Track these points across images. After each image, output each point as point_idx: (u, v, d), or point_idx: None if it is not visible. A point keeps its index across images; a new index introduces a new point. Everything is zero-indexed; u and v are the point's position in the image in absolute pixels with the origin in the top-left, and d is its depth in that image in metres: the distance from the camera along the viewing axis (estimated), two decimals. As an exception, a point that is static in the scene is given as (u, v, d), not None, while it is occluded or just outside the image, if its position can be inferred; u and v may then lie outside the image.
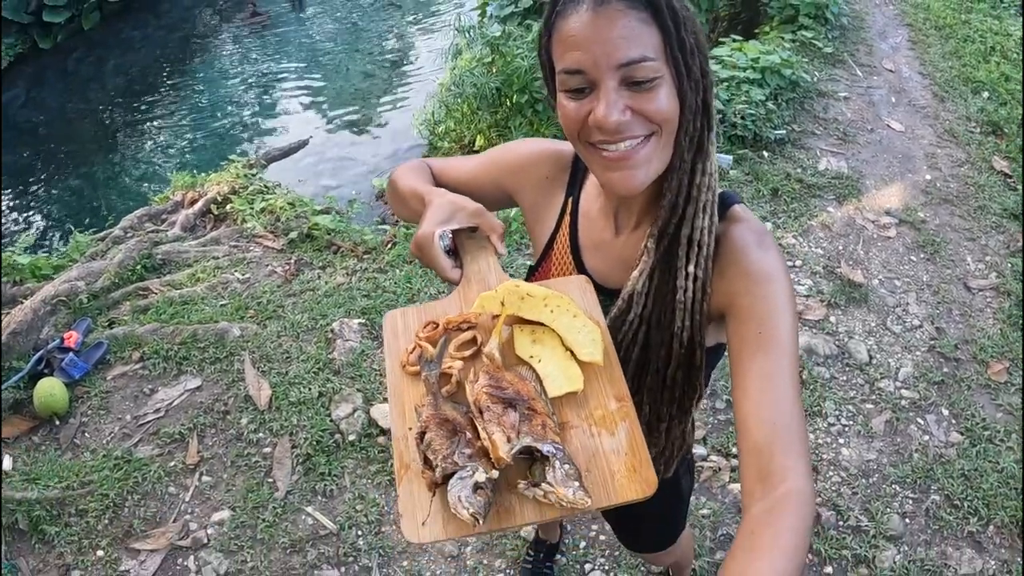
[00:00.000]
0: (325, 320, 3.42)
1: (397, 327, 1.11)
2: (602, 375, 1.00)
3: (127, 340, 3.33)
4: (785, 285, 1.00)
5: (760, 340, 0.96)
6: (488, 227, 1.15)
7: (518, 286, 1.05)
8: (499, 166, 1.29)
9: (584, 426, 0.96)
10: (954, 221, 4.10)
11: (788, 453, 0.88)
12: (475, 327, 1.07)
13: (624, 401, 0.97)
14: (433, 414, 0.94)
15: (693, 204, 1.03)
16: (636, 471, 0.91)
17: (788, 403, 0.92)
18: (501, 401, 0.93)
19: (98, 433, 2.99)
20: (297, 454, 2.84)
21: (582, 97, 0.96)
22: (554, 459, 0.87)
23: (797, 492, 0.85)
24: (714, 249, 1.05)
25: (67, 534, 2.63)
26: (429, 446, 0.90)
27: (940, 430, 2.94)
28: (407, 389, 1.02)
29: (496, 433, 0.89)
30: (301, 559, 2.53)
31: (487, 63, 5.66)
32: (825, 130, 4.77)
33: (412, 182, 1.24)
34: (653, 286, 1.08)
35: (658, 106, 0.94)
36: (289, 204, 4.35)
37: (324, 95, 8.09)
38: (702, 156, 1.03)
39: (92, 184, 6.82)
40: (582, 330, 1.02)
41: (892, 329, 3.36)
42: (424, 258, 1.12)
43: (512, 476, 0.90)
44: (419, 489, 0.91)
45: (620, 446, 0.93)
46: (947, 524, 2.62)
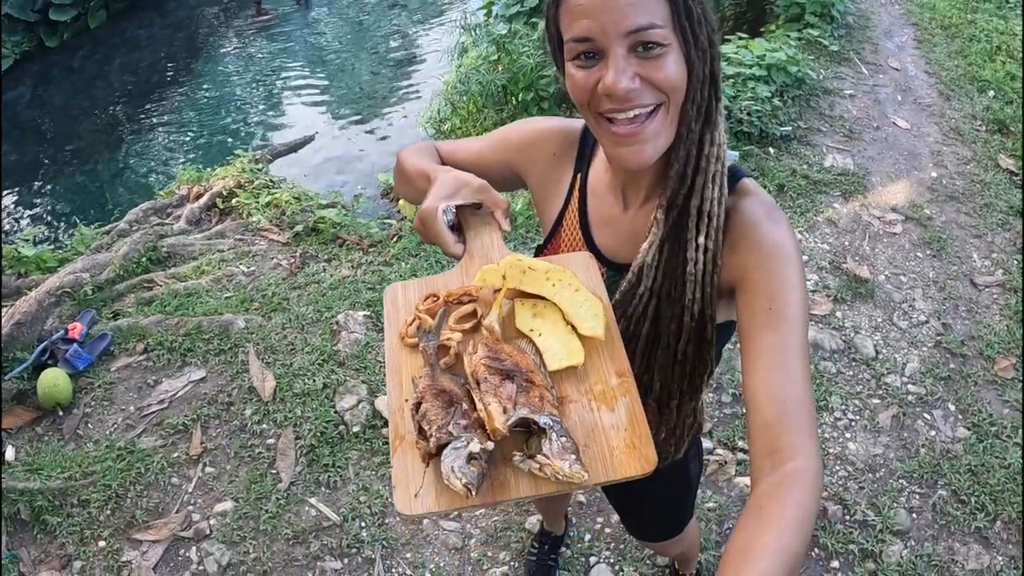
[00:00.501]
0: (330, 312, 3.41)
1: (398, 300, 1.10)
2: (603, 350, 0.99)
3: (131, 331, 3.33)
4: (796, 260, 0.99)
5: (770, 316, 0.95)
6: (492, 203, 1.13)
7: (520, 260, 1.04)
8: (506, 145, 1.28)
9: (583, 401, 0.94)
10: (960, 218, 4.08)
11: (797, 431, 0.88)
12: (476, 300, 1.06)
13: (625, 376, 0.96)
14: (430, 385, 0.93)
15: (702, 175, 1.02)
16: (635, 447, 0.89)
17: (798, 380, 0.91)
18: (499, 372, 0.92)
19: (101, 424, 2.98)
20: (301, 445, 2.83)
21: (591, 66, 0.96)
22: (551, 431, 0.86)
23: (805, 469, 0.85)
24: (724, 222, 1.04)
25: (69, 524, 2.62)
26: (424, 416, 0.89)
27: (947, 425, 2.92)
28: (405, 361, 1.01)
29: (492, 404, 0.88)
30: (304, 550, 2.52)
31: (493, 61, 5.66)
32: (831, 127, 4.76)
33: (418, 162, 1.23)
34: (663, 258, 1.07)
35: (666, 73, 0.94)
36: (295, 198, 4.34)
37: (330, 93, 8.09)
38: (710, 127, 1.02)
39: (97, 180, 6.83)
40: (584, 304, 1.01)
41: (898, 324, 3.34)
42: (427, 233, 1.11)
43: (508, 449, 0.88)
44: (413, 460, 0.89)
45: (620, 422, 0.92)
46: (954, 519, 2.61)
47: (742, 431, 2.83)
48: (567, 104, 5.15)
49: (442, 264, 3.70)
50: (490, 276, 1.04)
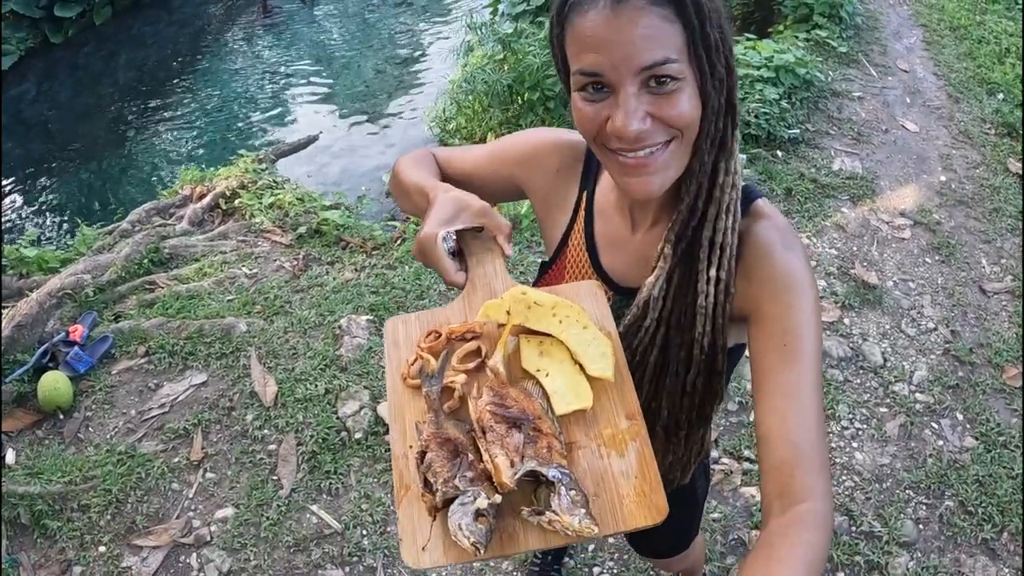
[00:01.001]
0: (333, 316, 3.39)
1: (398, 336, 1.05)
2: (613, 391, 0.95)
3: (132, 334, 3.31)
4: (811, 291, 0.96)
5: (785, 353, 0.93)
6: (494, 227, 1.08)
7: (525, 293, 1.00)
8: (507, 157, 1.23)
9: (592, 446, 0.92)
10: (969, 223, 4.04)
11: (810, 472, 0.86)
12: (479, 337, 1.03)
13: (635, 419, 0.93)
14: (434, 433, 0.90)
15: (715, 205, 0.99)
16: (646, 496, 0.87)
17: (812, 420, 0.89)
18: (505, 420, 0.89)
19: (102, 428, 2.97)
20: (302, 452, 2.81)
21: (599, 100, 0.91)
22: (560, 485, 0.83)
23: (816, 512, 0.84)
24: (737, 248, 1.00)
25: (69, 529, 2.61)
26: (430, 468, 0.86)
27: (954, 435, 2.89)
28: (408, 404, 0.97)
29: (499, 456, 0.85)
30: (305, 558, 2.50)
31: (499, 60, 5.63)
32: (839, 130, 4.72)
33: (415, 175, 1.18)
34: (672, 289, 1.04)
35: (680, 111, 0.90)
36: (298, 199, 4.32)
37: (335, 91, 8.06)
38: (725, 155, 0.98)
39: (102, 178, 6.81)
40: (592, 343, 0.97)
41: (907, 332, 3.31)
42: (427, 261, 1.06)
43: (516, 500, 0.86)
44: (419, 512, 0.87)
45: (630, 468, 0.89)
46: (961, 531, 2.58)
47: (748, 440, 2.80)
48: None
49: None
50: (494, 312, 1.00)
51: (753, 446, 2.78)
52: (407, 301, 3.47)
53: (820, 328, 0.96)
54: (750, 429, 2.84)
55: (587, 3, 0.88)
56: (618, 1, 0.85)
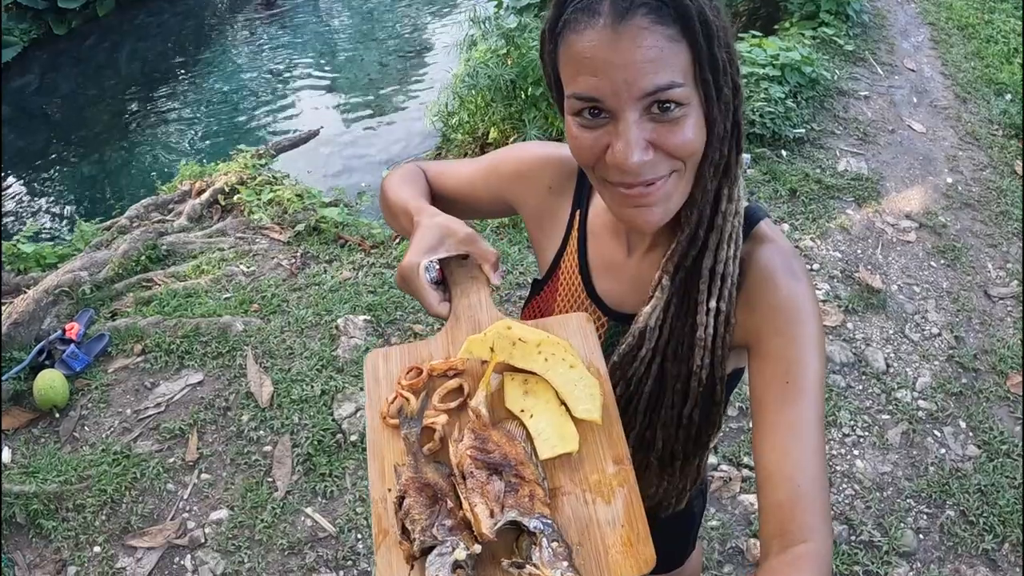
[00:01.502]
0: (330, 316, 3.37)
1: (379, 371, 1.01)
2: (600, 434, 0.92)
3: (129, 332, 3.29)
4: (815, 322, 0.92)
5: (787, 389, 0.89)
6: (480, 255, 1.03)
7: (510, 328, 0.96)
8: (498, 173, 1.18)
9: (578, 492, 0.88)
10: (975, 227, 4.00)
11: (811, 511, 0.83)
12: (462, 374, 0.99)
13: (623, 464, 0.90)
14: (413, 477, 0.87)
15: (716, 233, 0.94)
16: (632, 545, 0.84)
17: (813, 459, 0.86)
18: (486, 466, 0.86)
19: (98, 427, 2.95)
20: (298, 453, 2.79)
21: (597, 126, 0.85)
22: (541, 536, 0.80)
23: (815, 554, 0.81)
24: (738, 275, 0.96)
25: (64, 529, 2.59)
26: (408, 514, 0.84)
27: (957, 443, 2.86)
28: (387, 444, 0.94)
29: (479, 505, 0.82)
30: (299, 561, 2.48)
31: (502, 55, 5.58)
32: (845, 130, 4.67)
33: (403, 193, 1.13)
34: (669, 319, 0.99)
35: (684, 139, 0.84)
36: (297, 196, 4.29)
37: (337, 85, 8.03)
38: (728, 181, 0.93)
39: (104, 172, 6.79)
40: (579, 383, 0.93)
41: (910, 337, 3.28)
42: (409, 291, 1.02)
43: (497, 549, 0.83)
44: (397, 558, 0.84)
45: (616, 517, 0.86)
46: (962, 541, 2.55)
47: (747, 447, 2.77)
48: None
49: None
50: (477, 348, 0.96)
51: (746, 453, 2.75)
52: (405, 301, 3.44)
53: (824, 359, 0.92)
54: (749, 436, 2.81)
55: (584, 20, 0.82)
56: (620, 19, 0.79)
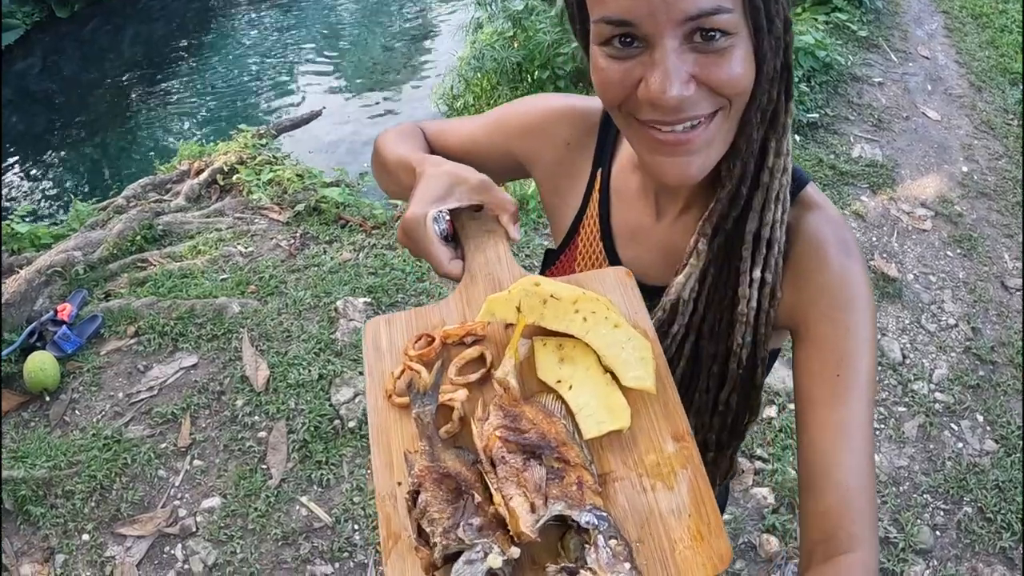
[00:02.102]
0: (329, 298, 3.27)
1: (380, 341, 0.85)
2: (654, 406, 0.77)
3: (122, 314, 3.20)
4: (870, 307, 0.81)
5: (838, 384, 0.78)
6: (497, 205, 0.90)
7: (538, 284, 0.80)
8: (507, 128, 1.05)
9: (632, 477, 0.73)
10: (992, 216, 3.90)
11: (859, 520, 0.74)
12: (482, 340, 0.83)
13: (684, 440, 0.75)
14: (429, 467, 0.71)
15: (762, 192, 0.82)
16: (703, 539, 0.69)
17: (863, 462, 0.76)
18: (521, 449, 0.71)
19: (89, 411, 2.86)
20: (293, 440, 2.70)
21: (629, 57, 0.72)
22: (596, 533, 0.65)
23: (863, 564, 0.71)
24: (785, 244, 0.85)
25: (53, 516, 2.51)
26: (425, 513, 0.68)
27: (974, 437, 2.77)
28: (394, 428, 0.78)
29: (516, 498, 0.67)
30: (293, 552, 2.40)
31: (508, 37, 5.49)
32: (859, 115, 4.57)
33: (400, 150, 1.00)
34: (706, 291, 0.88)
35: (731, 74, 0.72)
36: (297, 176, 4.19)
37: (342, 67, 7.94)
38: (775, 132, 0.81)
39: (104, 153, 6.72)
40: (626, 345, 0.77)
41: (927, 327, 3.18)
42: (414, 248, 0.88)
43: (537, 552, 0.67)
44: (413, 568, 0.69)
45: (681, 504, 0.71)
46: (979, 538, 2.46)
47: (761, 437, 2.68)
48: (586, 83, 4.95)
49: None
50: (500, 308, 0.80)
51: (766, 443, 2.67)
52: (407, 284, 3.35)
53: (875, 346, 0.82)
54: (763, 425, 2.72)
55: None
56: None
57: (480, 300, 0.83)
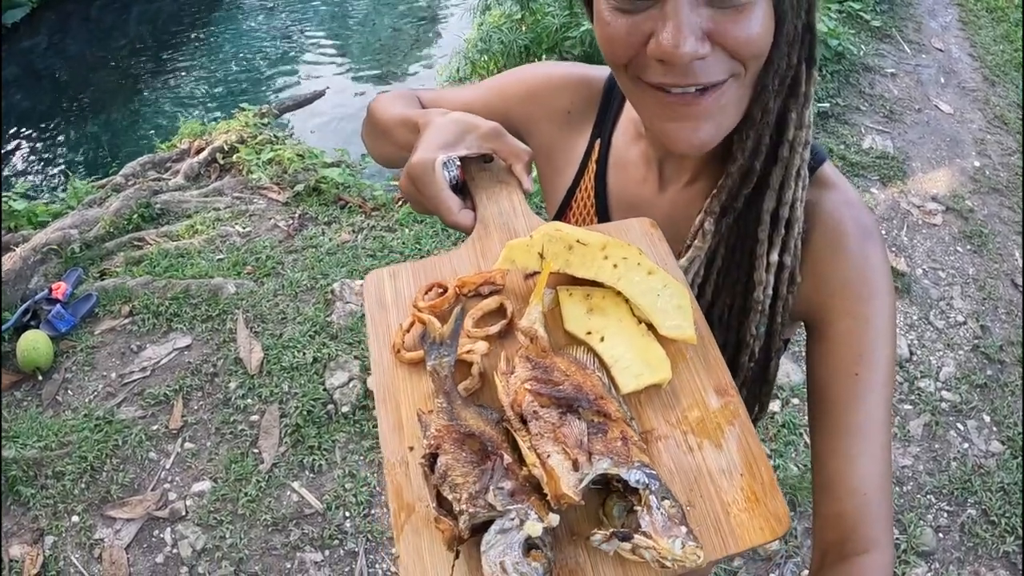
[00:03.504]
0: (326, 280, 3.22)
1: (384, 294, 0.77)
2: (694, 357, 0.70)
3: (117, 293, 3.16)
4: (889, 296, 0.76)
5: (856, 383, 0.73)
6: (510, 153, 0.83)
7: (560, 229, 0.73)
8: (506, 95, 0.99)
9: (677, 435, 0.66)
10: (1003, 212, 3.83)
11: (875, 523, 0.70)
12: (501, 291, 0.75)
13: (728, 395, 0.68)
14: (448, 426, 0.62)
15: (781, 167, 0.76)
16: (759, 501, 0.62)
17: (881, 465, 0.72)
18: (555, 402, 0.62)
19: (81, 391, 2.82)
20: (286, 424, 2.65)
21: (637, 9, 0.66)
22: (647, 493, 0.57)
23: (879, 565, 0.69)
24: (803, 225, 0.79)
25: (43, 497, 2.48)
26: (445, 478, 0.59)
27: (980, 438, 2.71)
28: (404, 386, 0.70)
29: (554, 455, 0.59)
30: (283, 539, 2.36)
31: (516, 19, 5.43)
32: (871, 106, 4.49)
33: (398, 108, 0.94)
34: (715, 275, 0.82)
35: (749, 33, 0.66)
36: (298, 155, 4.13)
37: (349, 48, 7.89)
38: (796, 102, 0.75)
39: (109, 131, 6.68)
40: (662, 292, 0.70)
41: (935, 324, 3.12)
42: (421, 195, 0.80)
43: (576, 520, 0.60)
44: (431, 544, 0.60)
45: (732, 464, 0.64)
46: (982, 541, 2.42)
47: (763, 433, 2.63)
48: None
49: (452, 236, 3.48)
50: (520, 254, 0.73)
51: (769, 439, 2.62)
52: (407, 268, 3.29)
53: (895, 340, 0.76)
54: (765, 421, 2.67)
55: None
56: None
57: (495, 252, 0.77)
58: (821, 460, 0.75)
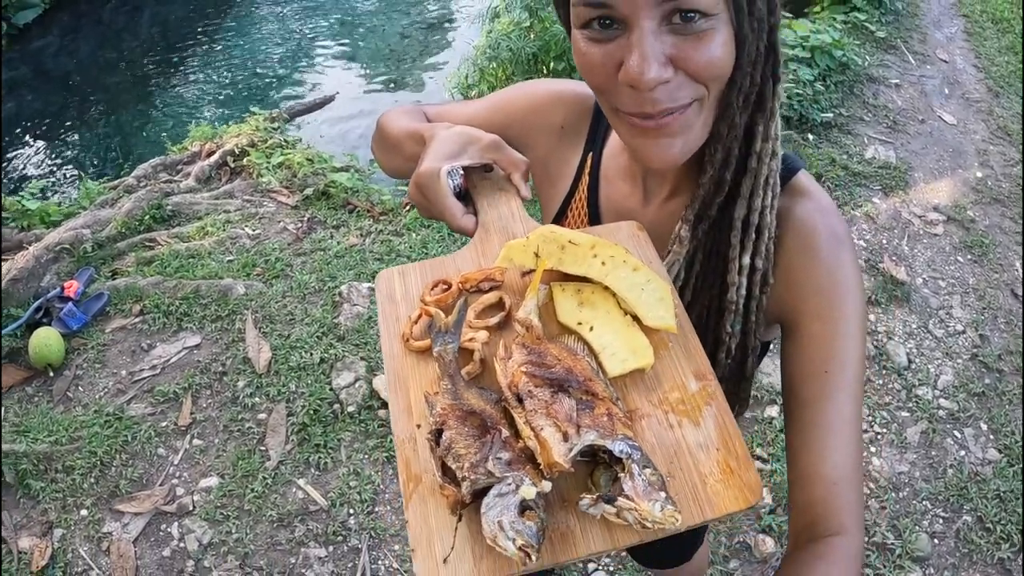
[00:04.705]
0: (334, 282, 3.27)
1: (395, 291, 0.86)
2: (675, 345, 0.78)
3: (128, 292, 3.21)
4: (860, 300, 0.81)
5: (826, 381, 0.79)
6: (509, 163, 0.91)
7: (555, 231, 0.82)
8: (505, 111, 1.05)
9: (659, 414, 0.73)
10: (1004, 223, 3.85)
11: (847, 510, 0.75)
12: (500, 286, 0.84)
13: (706, 379, 0.76)
14: (452, 404, 0.70)
15: (751, 178, 0.82)
16: (733, 472, 0.69)
17: (851, 457, 0.77)
18: (548, 383, 0.70)
19: (92, 387, 2.88)
20: (293, 422, 2.70)
21: (607, 38, 0.72)
22: (630, 462, 0.64)
23: (847, 547, 0.73)
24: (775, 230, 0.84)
25: (52, 490, 2.53)
26: (450, 450, 0.67)
27: (977, 446, 2.74)
28: (412, 372, 0.78)
29: (546, 428, 0.66)
30: (288, 534, 2.40)
31: (525, 27, 5.47)
32: (874, 116, 4.52)
33: (406, 122, 1.02)
34: (693, 278, 0.88)
35: (709, 57, 0.71)
36: (307, 160, 4.19)
37: (358, 54, 7.94)
38: (763, 116, 0.80)
39: (119, 133, 6.74)
40: (646, 286, 0.78)
41: (934, 333, 3.15)
42: (427, 202, 0.88)
43: (566, 487, 0.68)
44: (436, 510, 0.68)
45: (709, 439, 0.71)
46: (977, 548, 2.44)
47: (760, 437, 2.67)
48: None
49: (456, 241, 3.53)
50: (518, 254, 0.81)
51: (766, 443, 2.66)
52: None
53: (865, 339, 0.81)
54: (763, 425, 2.71)
55: None
56: None
57: (495, 252, 0.85)
58: (794, 453, 0.79)
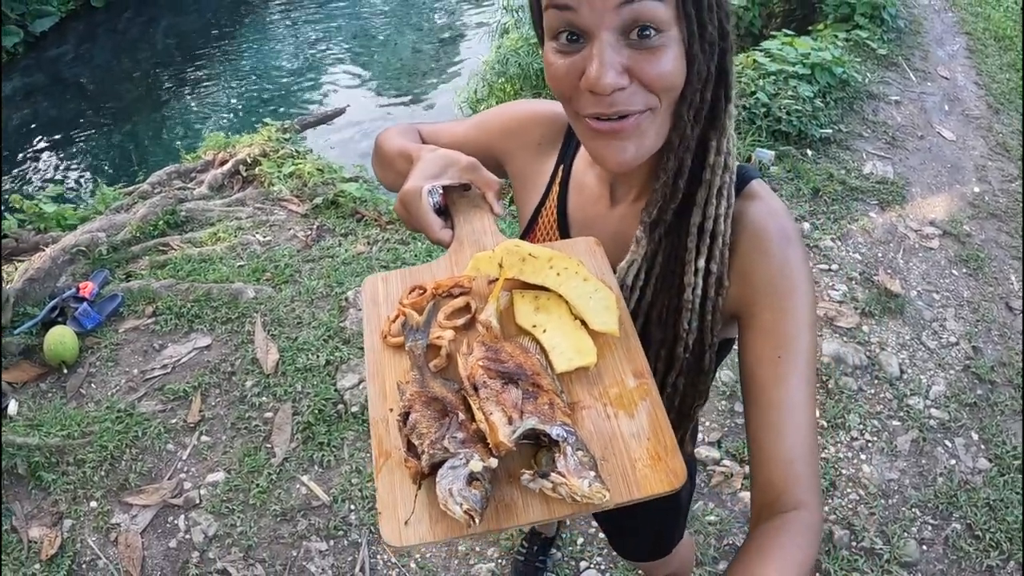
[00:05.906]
0: (341, 288, 3.36)
1: (378, 294, 0.97)
2: (617, 347, 0.87)
3: (142, 294, 3.31)
4: (809, 292, 0.89)
5: (779, 364, 0.86)
6: (483, 183, 1.02)
7: (518, 245, 0.92)
8: (489, 130, 1.16)
9: (598, 406, 0.83)
10: (1000, 238, 3.91)
11: (804, 488, 0.82)
12: (468, 292, 0.95)
13: (644, 377, 0.85)
14: (419, 391, 0.81)
15: (705, 188, 0.90)
16: (661, 459, 0.78)
17: (806, 435, 0.84)
18: (500, 376, 0.81)
19: (104, 385, 2.97)
20: (298, 421, 2.78)
21: (574, 51, 0.81)
22: (565, 444, 0.75)
23: (807, 519, 0.80)
24: (730, 236, 0.92)
25: (63, 482, 2.61)
26: (414, 429, 0.77)
27: (968, 455, 2.79)
28: (388, 364, 0.89)
29: (495, 413, 0.77)
30: (291, 528, 2.48)
31: (533, 43, 5.56)
32: (873, 133, 4.59)
33: (399, 142, 1.13)
34: (653, 278, 0.96)
35: (660, 70, 0.80)
36: (318, 170, 4.29)
37: (370, 67, 8.05)
38: (716, 132, 0.89)
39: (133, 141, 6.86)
40: (594, 296, 0.89)
41: (927, 344, 3.21)
42: (410, 217, 1.00)
43: (513, 466, 0.78)
44: (401, 481, 0.78)
45: (641, 429, 0.80)
46: (966, 555, 2.48)
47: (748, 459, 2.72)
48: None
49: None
50: (484, 264, 0.92)
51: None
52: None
53: (815, 327, 0.89)
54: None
55: None
56: None
57: (467, 262, 0.95)
58: (753, 435, 0.86)
